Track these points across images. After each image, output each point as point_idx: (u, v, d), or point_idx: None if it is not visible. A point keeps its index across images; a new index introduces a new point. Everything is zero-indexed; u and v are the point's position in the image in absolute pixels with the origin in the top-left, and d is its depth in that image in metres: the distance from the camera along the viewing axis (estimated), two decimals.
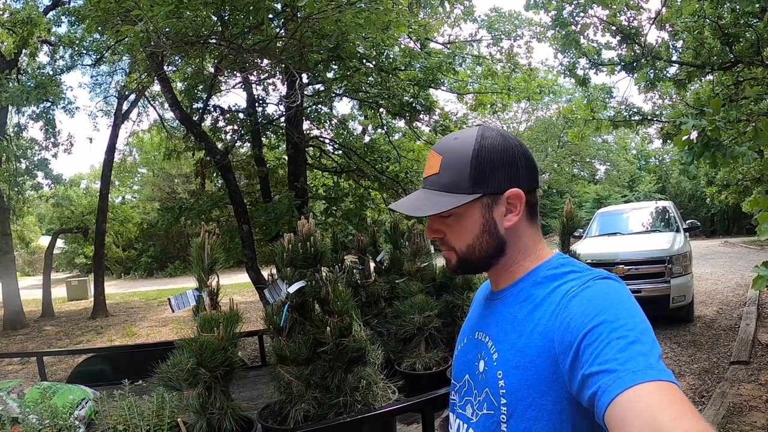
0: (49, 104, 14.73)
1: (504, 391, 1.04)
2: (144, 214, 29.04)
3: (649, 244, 8.84)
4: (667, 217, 10.47)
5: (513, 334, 1.07)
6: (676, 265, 8.19)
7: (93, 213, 17.21)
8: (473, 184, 1.09)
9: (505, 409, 1.04)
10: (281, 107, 10.15)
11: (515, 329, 1.07)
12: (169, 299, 3.43)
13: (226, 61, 6.75)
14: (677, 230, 9.63)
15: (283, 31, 7.08)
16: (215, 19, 6.07)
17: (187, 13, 4.73)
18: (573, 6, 7.89)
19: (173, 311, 3.38)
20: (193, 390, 3.28)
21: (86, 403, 4.70)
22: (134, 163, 27.52)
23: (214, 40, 5.85)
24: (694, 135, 3.42)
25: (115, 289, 23.34)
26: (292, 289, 3.47)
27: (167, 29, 4.65)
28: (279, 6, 5.58)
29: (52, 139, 15.98)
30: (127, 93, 15.66)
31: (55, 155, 16.32)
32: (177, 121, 13.38)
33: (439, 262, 6.53)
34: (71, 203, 19.69)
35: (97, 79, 15.99)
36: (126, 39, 7.97)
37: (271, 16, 6.09)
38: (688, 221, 10.40)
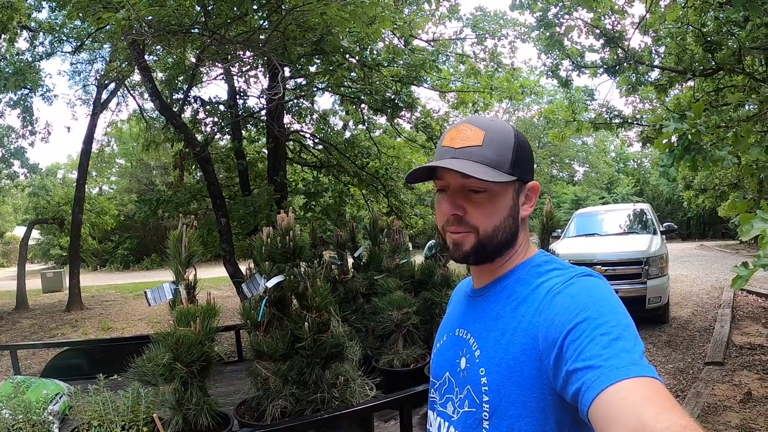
0: (27, 91, 14.45)
1: (486, 388, 1.05)
2: (121, 206, 28.63)
3: (627, 245, 8.96)
4: (644, 219, 10.63)
5: (496, 331, 1.08)
6: (652, 267, 8.32)
7: (69, 203, 16.90)
8: (512, 167, 1.12)
9: (488, 406, 1.05)
10: (262, 100, 10.08)
11: (498, 326, 1.08)
12: (145, 292, 3.38)
13: (208, 51, 6.66)
14: (654, 232, 9.79)
15: (266, 23, 7.03)
16: (198, 8, 5.98)
17: (171, 1, 4.66)
18: (558, 8, 7.93)
19: (150, 305, 3.33)
20: (169, 385, 3.23)
21: (60, 397, 4.61)
22: (112, 153, 27.15)
23: (196, 30, 5.77)
24: (674, 138, 3.46)
25: (90, 281, 22.97)
26: (271, 283, 3.43)
27: (149, 17, 4.57)
28: None
29: (30, 127, 15.70)
30: (106, 82, 15.32)
31: (32, 144, 16.10)
32: (156, 112, 13.23)
33: (418, 258, 6.53)
34: (48, 193, 19.35)
35: (76, 67, 15.71)
36: (107, 27, 7.87)
37: (255, 7, 6.03)
38: (665, 224, 10.54)
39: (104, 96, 16.11)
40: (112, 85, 15.92)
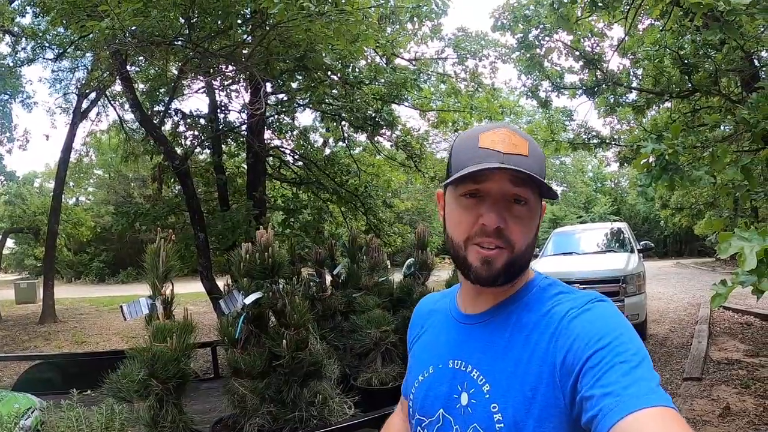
0: (7, 97, 14.25)
1: (502, 425, 0.98)
2: (98, 217, 28.28)
3: (604, 264, 9.04)
4: (621, 237, 10.75)
5: (507, 361, 1.01)
6: (630, 285, 8.41)
7: (45, 213, 16.68)
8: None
9: None
10: (243, 115, 10.08)
11: (509, 356, 1.01)
12: (121, 306, 3.33)
13: (191, 64, 6.65)
14: (631, 251, 9.90)
15: (249, 37, 7.04)
16: (182, 20, 5.97)
17: (155, 12, 4.65)
18: (538, 30, 8.07)
19: (125, 319, 3.28)
20: (144, 402, 3.17)
21: (32, 412, 4.51)
22: (90, 164, 26.84)
23: (180, 42, 5.76)
24: (652, 158, 3.53)
25: (64, 293, 22.62)
26: (249, 300, 3.40)
27: (133, 27, 4.57)
28: (248, 12, 5.54)
29: (8, 134, 15.56)
30: (87, 91, 15.17)
31: (9, 151, 15.85)
32: (137, 123, 13.12)
33: (397, 277, 6.53)
34: (24, 202, 19.07)
35: (57, 75, 15.58)
36: (90, 35, 7.82)
37: (239, 21, 6.04)
38: (642, 242, 10.67)
39: (84, 105, 15.97)
40: (93, 95, 15.78)
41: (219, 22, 5.83)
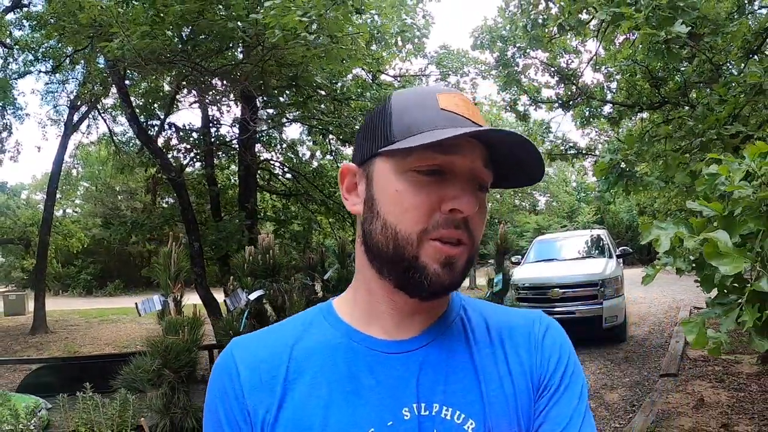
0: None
1: None
2: (85, 229, 28.28)
3: (583, 269, 9.33)
4: (600, 244, 11.00)
5: (489, 384, 0.80)
6: (608, 288, 8.68)
7: (36, 225, 16.70)
8: None
9: None
10: (235, 128, 10.40)
11: (486, 377, 0.80)
12: (136, 303, 3.66)
13: (187, 81, 6.98)
14: (610, 256, 10.14)
15: (242, 53, 7.36)
16: (176, 39, 6.28)
17: (162, 34, 4.99)
18: (515, 48, 8.49)
19: (140, 315, 3.61)
20: (157, 390, 3.50)
21: (40, 411, 4.79)
22: (77, 176, 26.85)
23: (181, 62, 6.08)
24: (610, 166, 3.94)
25: (52, 305, 22.41)
26: (253, 296, 3.74)
27: (140, 49, 4.89)
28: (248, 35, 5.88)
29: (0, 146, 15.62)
30: (79, 104, 15.32)
31: (0, 162, 15.92)
32: (126, 136, 13.39)
33: None
34: (14, 213, 19.08)
35: (49, 87, 15.67)
36: (85, 49, 8.10)
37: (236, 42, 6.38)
38: (620, 248, 11.01)
39: (75, 118, 16.04)
40: (84, 107, 15.91)
41: (218, 43, 6.15)
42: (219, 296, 8.76)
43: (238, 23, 4.90)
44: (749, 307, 1.27)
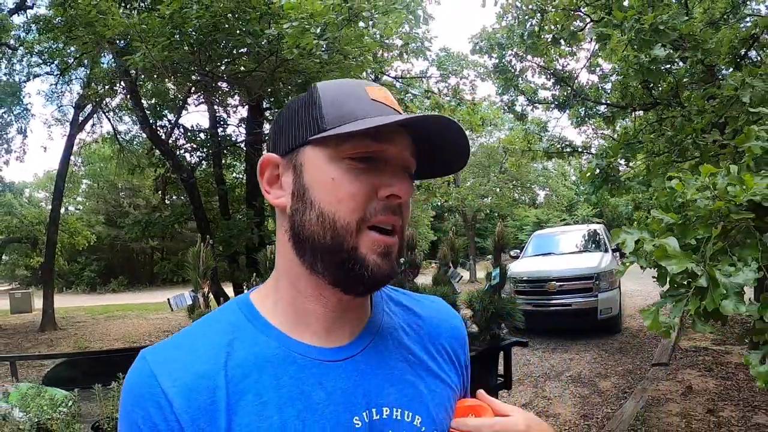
0: (5, 109, 14.57)
1: None
2: (88, 227, 28.51)
3: (579, 262, 9.58)
4: (597, 238, 11.18)
5: (425, 378, 0.83)
6: (603, 281, 8.91)
7: (42, 223, 16.80)
8: None
9: None
10: (241, 128, 10.65)
11: (422, 373, 0.83)
12: (168, 299, 3.96)
13: (198, 86, 7.26)
14: (606, 250, 10.38)
15: (247, 56, 7.63)
16: (194, 49, 6.59)
17: (185, 48, 5.30)
18: (512, 53, 8.76)
19: (172, 309, 3.91)
20: None
21: (70, 401, 5.06)
22: (80, 174, 27.02)
23: (195, 70, 6.37)
24: (597, 171, 4.26)
25: (58, 302, 22.50)
26: None
27: (160, 60, 5.19)
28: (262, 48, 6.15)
29: (6, 146, 15.80)
30: (84, 104, 15.38)
31: (6, 162, 16.04)
32: (130, 135, 13.61)
33: None
34: (19, 212, 19.25)
35: (55, 87, 15.81)
36: (91, 51, 8.35)
37: (249, 50, 6.65)
38: (616, 242, 11.24)
39: (81, 117, 16.18)
40: (89, 107, 16.04)
41: (233, 51, 6.42)
42: (228, 291, 9.08)
43: (254, 37, 5.18)
44: (693, 299, 1.60)
